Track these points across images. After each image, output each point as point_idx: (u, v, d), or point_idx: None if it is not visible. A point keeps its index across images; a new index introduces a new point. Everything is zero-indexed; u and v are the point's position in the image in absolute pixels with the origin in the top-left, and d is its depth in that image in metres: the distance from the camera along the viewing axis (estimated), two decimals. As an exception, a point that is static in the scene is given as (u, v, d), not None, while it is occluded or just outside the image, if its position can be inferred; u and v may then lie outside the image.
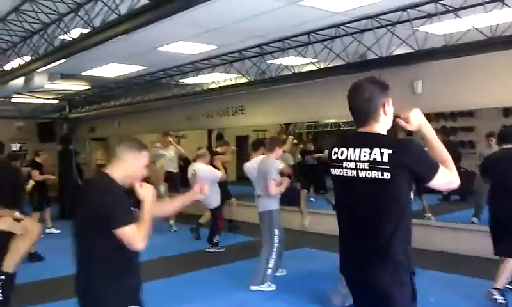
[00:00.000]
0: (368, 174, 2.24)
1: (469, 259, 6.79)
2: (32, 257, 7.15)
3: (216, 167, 8.07)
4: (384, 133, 2.33)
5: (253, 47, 7.87)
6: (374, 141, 2.27)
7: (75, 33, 5.51)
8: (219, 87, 10.17)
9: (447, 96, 7.29)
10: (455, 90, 7.15)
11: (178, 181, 10.05)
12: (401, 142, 2.29)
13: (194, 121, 12.04)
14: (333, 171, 2.43)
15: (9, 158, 7.82)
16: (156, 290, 5.27)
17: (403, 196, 2.25)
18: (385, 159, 2.19)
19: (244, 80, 9.34)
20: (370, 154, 2.23)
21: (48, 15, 5.63)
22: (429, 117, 8.54)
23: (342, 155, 2.37)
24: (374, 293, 2.30)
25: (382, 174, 2.19)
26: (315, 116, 10.07)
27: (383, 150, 2.20)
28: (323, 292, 5.18)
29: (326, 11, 5.94)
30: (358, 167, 2.28)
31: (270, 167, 5.63)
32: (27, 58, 6.79)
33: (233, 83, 9.66)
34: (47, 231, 9.68)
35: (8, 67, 7.57)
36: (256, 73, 8.88)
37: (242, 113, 10.87)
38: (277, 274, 5.96)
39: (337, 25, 6.62)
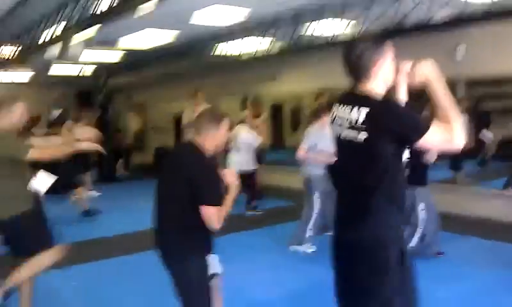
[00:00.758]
0: (348, 133, 2.16)
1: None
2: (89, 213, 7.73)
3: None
4: (378, 91, 2.18)
5: (287, 10, 7.67)
6: (357, 99, 2.16)
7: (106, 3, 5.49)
8: (253, 55, 10.04)
9: (490, 62, 6.98)
10: (498, 55, 6.83)
11: None
12: (380, 101, 2.14)
13: (228, 89, 11.99)
14: (331, 130, 2.36)
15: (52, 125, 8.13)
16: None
17: (384, 159, 2.11)
18: (361, 118, 2.09)
19: (277, 47, 9.18)
20: (350, 113, 2.15)
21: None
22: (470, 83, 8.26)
23: (334, 113, 2.30)
24: (354, 251, 2.22)
25: (358, 133, 2.10)
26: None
27: (360, 109, 2.10)
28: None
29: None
30: (342, 125, 2.20)
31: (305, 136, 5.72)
32: (62, 26, 6.84)
33: (266, 51, 9.51)
34: (89, 193, 10.00)
35: (44, 36, 7.68)
36: (291, 39, 8.70)
37: (275, 80, 10.74)
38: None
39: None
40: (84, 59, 11.28)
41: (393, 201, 2.18)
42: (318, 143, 5.57)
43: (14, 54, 9.06)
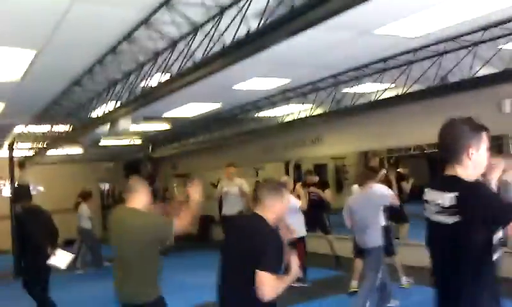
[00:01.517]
0: (438, 217, 2.15)
1: None
2: None
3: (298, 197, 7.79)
4: (468, 177, 2.16)
5: (326, 78, 7.81)
6: (447, 183, 2.16)
7: (155, 80, 5.74)
8: (295, 119, 10.16)
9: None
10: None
11: None
12: (470, 184, 2.13)
13: (271, 153, 12.09)
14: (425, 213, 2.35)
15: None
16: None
17: (475, 245, 2.05)
18: (451, 202, 2.07)
19: (319, 110, 9.27)
20: (440, 197, 2.14)
21: (129, 65, 5.92)
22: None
23: (425, 195, 2.30)
24: None
25: (448, 217, 2.08)
26: (394, 143, 9.75)
27: (450, 193, 2.09)
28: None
29: (402, 37, 5.77)
30: (432, 210, 2.20)
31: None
32: (112, 105, 7.16)
33: (309, 114, 9.61)
34: None
35: (94, 115, 8.05)
36: (332, 103, 8.78)
37: (319, 143, 10.76)
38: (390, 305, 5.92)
39: (414, 50, 6.40)
40: (131, 131, 11.71)
41: (485, 288, 2.10)
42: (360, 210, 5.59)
43: (66, 131, 9.50)
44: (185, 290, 8.22)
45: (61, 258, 6.44)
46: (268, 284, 2.69)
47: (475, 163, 2.17)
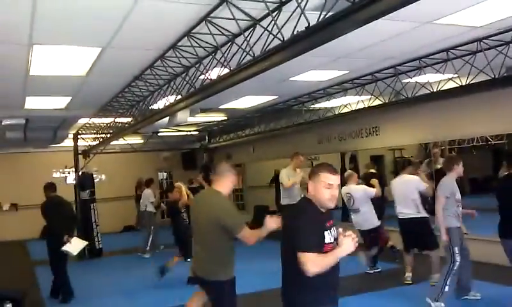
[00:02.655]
0: None
1: None
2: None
3: (371, 186, 7.98)
4: None
5: (386, 69, 7.66)
6: None
7: (214, 74, 5.83)
8: (352, 110, 10.04)
9: None
10: None
11: None
12: None
13: (326, 145, 12.01)
14: None
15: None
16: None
17: None
18: None
19: (377, 101, 9.11)
20: None
21: (189, 59, 6.06)
22: None
23: None
24: None
25: None
26: (457, 134, 9.42)
27: None
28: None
29: (464, 26, 5.57)
30: None
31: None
32: (172, 98, 7.34)
33: (366, 105, 9.47)
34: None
35: (155, 107, 8.28)
36: (391, 94, 8.60)
37: (376, 134, 10.58)
38: (469, 297, 6.02)
39: (478, 40, 6.16)
40: (189, 122, 11.96)
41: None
42: (456, 193, 5.75)
43: (128, 123, 9.83)
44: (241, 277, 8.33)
45: (74, 246, 7.17)
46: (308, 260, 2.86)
47: None
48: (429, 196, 7.43)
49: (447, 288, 5.61)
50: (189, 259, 7.47)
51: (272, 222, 3.92)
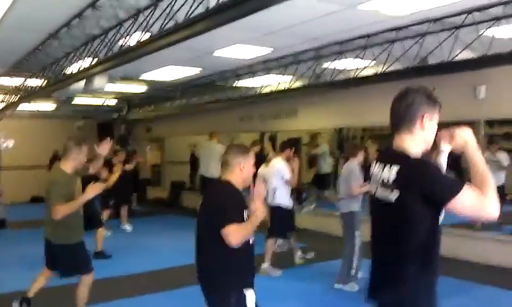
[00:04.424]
0: (381, 192, 2.10)
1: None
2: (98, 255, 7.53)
3: None
4: (416, 149, 2.11)
5: (308, 50, 7.77)
6: (391, 155, 2.12)
7: (134, 39, 5.61)
8: (273, 91, 10.13)
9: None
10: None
11: None
12: (411, 159, 2.06)
13: (248, 123, 12.08)
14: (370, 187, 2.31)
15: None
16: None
17: (414, 221, 2.00)
18: (393, 177, 2.03)
19: (298, 83, 9.25)
20: (383, 171, 2.10)
21: (109, 20, 5.77)
22: (492, 123, 8.32)
23: (371, 170, 2.26)
24: None
25: (390, 193, 2.04)
26: (371, 120, 9.82)
27: (392, 167, 2.05)
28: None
29: (386, 15, 5.76)
30: (376, 183, 2.16)
31: (352, 172, 5.97)
32: (88, 61, 6.99)
33: (288, 87, 9.59)
34: (122, 227, 10.07)
35: (69, 70, 7.85)
36: (311, 77, 8.76)
37: (295, 116, 10.78)
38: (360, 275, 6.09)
39: (397, 28, 6.41)
40: (106, 90, 11.49)
41: (426, 268, 2.05)
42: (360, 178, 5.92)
43: (40, 86, 9.26)
44: (151, 253, 8.25)
45: None
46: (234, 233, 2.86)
47: (426, 134, 2.12)
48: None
49: (353, 272, 5.84)
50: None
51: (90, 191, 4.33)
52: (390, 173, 2.05)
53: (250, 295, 2.95)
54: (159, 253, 8.18)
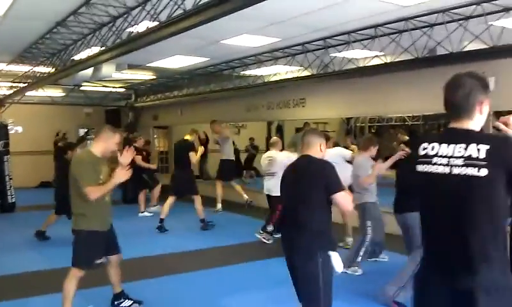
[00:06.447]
0: (463, 170, 2.09)
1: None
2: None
3: None
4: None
5: (316, 40, 7.75)
6: (469, 136, 2.13)
7: (142, 26, 5.62)
8: (281, 79, 10.11)
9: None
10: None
11: None
12: (499, 138, 2.15)
13: (254, 113, 12.06)
14: (420, 168, 2.26)
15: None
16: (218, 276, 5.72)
17: (500, 198, 2.07)
18: (482, 155, 2.05)
19: (306, 72, 9.23)
20: (465, 149, 2.10)
21: (117, 8, 5.78)
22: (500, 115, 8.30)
23: (432, 150, 2.22)
24: (476, 302, 2.08)
25: (478, 171, 2.05)
26: (379, 111, 9.81)
27: (479, 146, 2.06)
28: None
29: (394, 4, 5.73)
30: (451, 163, 2.13)
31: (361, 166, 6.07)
32: (96, 49, 7.01)
33: (295, 76, 9.57)
34: (147, 213, 10.28)
35: (77, 57, 7.88)
36: (319, 66, 8.74)
37: (302, 106, 10.75)
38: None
39: (406, 19, 6.38)
40: (114, 78, 11.55)
41: (505, 245, 2.12)
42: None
43: (48, 72, 9.31)
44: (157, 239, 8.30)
45: None
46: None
47: (483, 118, 2.20)
48: None
49: (359, 258, 5.99)
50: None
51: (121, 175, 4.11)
52: (479, 151, 2.07)
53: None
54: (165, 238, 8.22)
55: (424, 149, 2.25)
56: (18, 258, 6.96)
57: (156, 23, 5.24)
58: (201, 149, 9.16)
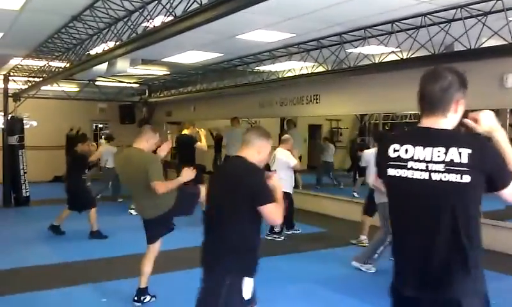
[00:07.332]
0: (444, 177, 1.94)
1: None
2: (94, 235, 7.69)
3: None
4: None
5: (332, 36, 7.69)
6: (447, 138, 1.99)
7: (158, 21, 5.62)
8: (295, 75, 10.06)
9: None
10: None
11: None
12: (479, 141, 1.98)
13: (268, 109, 12.03)
14: (391, 171, 2.08)
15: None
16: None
17: (478, 204, 1.99)
18: (464, 160, 1.91)
19: (320, 68, 9.17)
20: (445, 154, 1.95)
21: (133, 2, 5.78)
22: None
23: (406, 153, 2.05)
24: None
25: (461, 178, 1.91)
26: (395, 108, 9.71)
27: (461, 150, 1.92)
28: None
29: (411, -1, 5.66)
30: (430, 168, 1.98)
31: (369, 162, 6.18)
32: (111, 44, 7.03)
33: (310, 72, 9.52)
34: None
35: (93, 52, 7.91)
36: (334, 62, 8.67)
37: (316, 102, 10.70)
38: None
39: (423, 15, 6.29)
40: (129, 73, 11.58)
41: (481, 250, 2.02)
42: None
43: (63, 67, 9.36)
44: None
45: None
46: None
47: (457, 117, 2.06)
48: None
49: (376, 256, 5.96)
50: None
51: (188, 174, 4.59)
52: (458, 154, 1.94)
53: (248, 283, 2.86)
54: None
55: (395, 151, 2.09)
56: (31, 251, 7.03)
57: (171, 17, 5.23)
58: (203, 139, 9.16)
